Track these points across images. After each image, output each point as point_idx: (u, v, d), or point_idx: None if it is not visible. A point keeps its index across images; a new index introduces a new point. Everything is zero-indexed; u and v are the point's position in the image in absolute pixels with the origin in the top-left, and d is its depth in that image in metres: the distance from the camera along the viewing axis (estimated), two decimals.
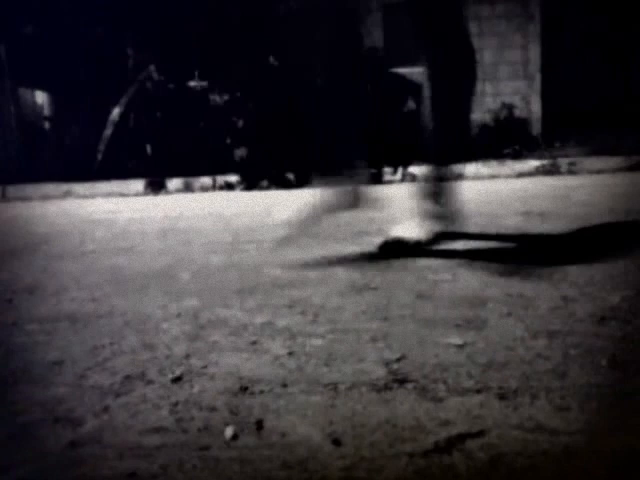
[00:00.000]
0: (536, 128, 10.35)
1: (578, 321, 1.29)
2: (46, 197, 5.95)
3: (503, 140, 7.77)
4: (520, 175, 5.62)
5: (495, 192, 4.00)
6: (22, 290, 1.86)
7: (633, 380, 1.00)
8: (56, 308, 1.62)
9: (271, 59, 6.69)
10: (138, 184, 6.02)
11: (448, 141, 2.29)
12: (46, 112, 8.82)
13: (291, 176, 5.89)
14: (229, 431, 0.89)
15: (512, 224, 2.61)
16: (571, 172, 5.55)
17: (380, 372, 1.08)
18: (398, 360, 1.13)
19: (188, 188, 6.03)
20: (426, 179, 2.32)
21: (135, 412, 0.97)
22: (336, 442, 0.84)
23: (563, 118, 9.43)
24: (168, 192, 5.95)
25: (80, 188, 6.05)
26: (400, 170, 5.89)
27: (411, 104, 7.51)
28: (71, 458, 0.84)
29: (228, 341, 1.28)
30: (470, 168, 5.78)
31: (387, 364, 1.11)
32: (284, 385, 1.04)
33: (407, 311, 1.43)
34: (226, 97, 6.83)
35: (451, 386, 1.01)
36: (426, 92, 2.25)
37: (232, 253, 2.29)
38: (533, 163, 5.77)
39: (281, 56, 6.62)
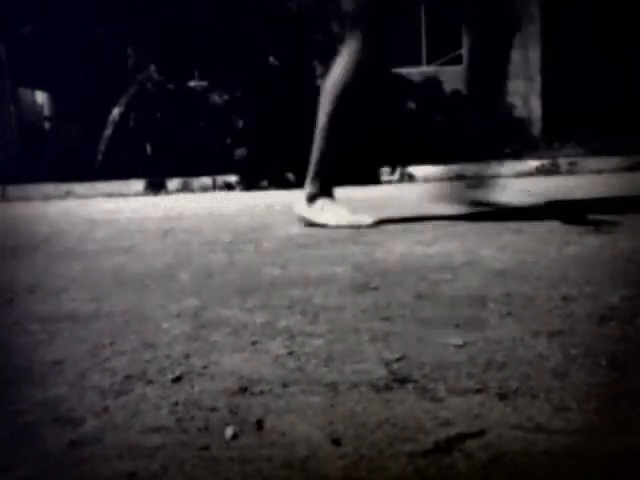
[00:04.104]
0: (536, 128, 10.35)
1: (578, 321, 1.29)
2: (46, 197, 5.95)
3: (503, 140, 7.77)
4: (520, 175, 5.62)
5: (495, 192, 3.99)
6: (22, 290, 1.86)
7: (633, 380, 1.00)
8: (56, 308, 1.62)
9: (271, 59, 6.68)
10: (138, 184, 6.02)
11: None
12: (46, 112, 8.83)
13: (291, 176, 5.89)
14: (229, 431, 0.89)
15: (512, 224, 2.61)
16: (571, 172, 5.56)
17: (380, 372, 1.08)
18: (398, 360, 1.13)
19: (188, 188, 6.03)
20: None
21: (135, 412, 0.97)
22: (336, 442, 0.84)
23: (563, 118, 9.43)
24: (168, 192, 5.95)
25: (80, 188, 6.05)
26: (399, 170, 5.88)
27: (411, 104, 7.51)
28: (71, 458, 0.84)
29: (228, 341, 1.28)
30: (470, 168, 5.78)
31: (387, 364, 1.11)
32: (284, 385, 1.04)
33: (407, 311, 1.43)
34: (226, 97, 6.83)
35: (451, 386, 1.01)
36: None
37: (232, 253, 2.29)
38: (533, 163, 5.77)
39: (281, 56, 6.62)
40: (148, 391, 1.05)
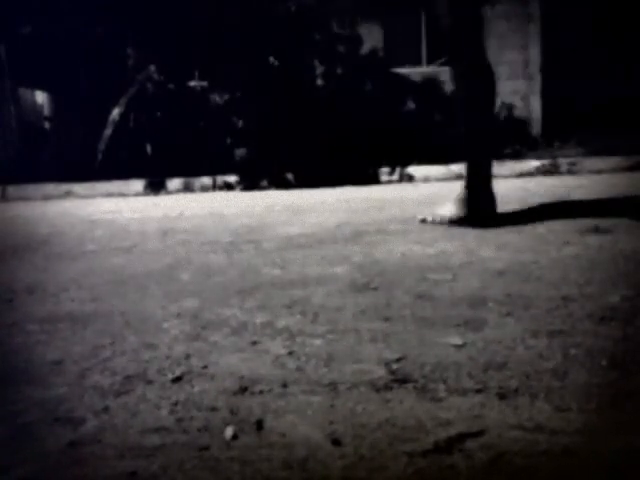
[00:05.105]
0: (536, 128, 10.34)
1: (578, 321, 1.30)
2: (46, 197, 5.95)
3: (503, 140, 7.77)
4: (520, 175, 5.61)
5: (495, 192, 4.00)
6: (22, 290, 1.86)
7: (633, 380, 1.00)
8: (56, 308, 1.62)
9: (271, 59, 6.68)
10: (138, 184, 6.02)
11: None
12: (46, 112, 8.82)
13: (291, 176, 5.89)
14: (229, 431, 0.89)
15: (513, 224, 2.61)
16: (571, 172, 5.56)
17: (380, 372, 1.08)
18: (398, 360, 1.13)
19: (188, 188, 6.03)
20: None
21: (135, 412, 0.97)
22: (336, 442, 0.84)
23: (563, 118, 9.43)
24: (168, 192, 5.95)
25: (80, 188, 6.05)
26: (398, 170, 5.89)
27: (411, 104, 7.51)
28: (71, 458, 0.84)
29: (228, 341, 1.28)
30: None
31: (387, 364, 1.11)
32: (284, 385, 1.04)
33: (407, 311, 1.43)
34: (226, 97, 6.82)
35: (451, 386, 1.01)
36: None
37: (232, 253, 2.29)
38: (533, 163, 5.77)
39: (281, 56, 6.62)
40: (148, 391, 1.05)
